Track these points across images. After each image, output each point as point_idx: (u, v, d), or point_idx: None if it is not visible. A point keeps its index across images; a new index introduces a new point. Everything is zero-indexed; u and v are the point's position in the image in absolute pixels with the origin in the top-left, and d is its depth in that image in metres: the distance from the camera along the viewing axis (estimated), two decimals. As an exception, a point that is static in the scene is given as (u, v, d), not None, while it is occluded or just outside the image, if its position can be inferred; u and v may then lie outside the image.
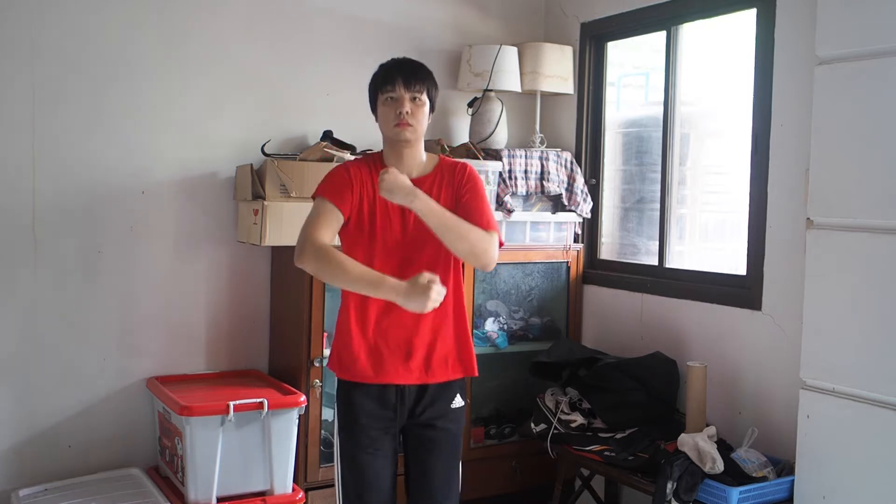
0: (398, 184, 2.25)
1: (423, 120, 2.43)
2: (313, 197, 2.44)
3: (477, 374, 2.54)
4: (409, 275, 2.30)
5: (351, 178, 2.43)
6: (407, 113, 2.38)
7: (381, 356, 2.42)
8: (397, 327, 2.41)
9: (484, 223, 2.38)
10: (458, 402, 2.51)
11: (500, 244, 2.41)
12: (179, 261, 3.45)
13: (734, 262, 3.38)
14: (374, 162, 2.49)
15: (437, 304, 2.21)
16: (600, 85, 4.02)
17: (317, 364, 3.32)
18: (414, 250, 2.42)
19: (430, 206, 2.28)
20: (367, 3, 3.76)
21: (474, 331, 3.68)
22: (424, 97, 2.42)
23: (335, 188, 2.41)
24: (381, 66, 2.46)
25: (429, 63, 2.52)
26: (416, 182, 2.42)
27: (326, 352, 3.31)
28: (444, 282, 2.42)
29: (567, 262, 3.94)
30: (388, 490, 2.49)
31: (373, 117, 2.49)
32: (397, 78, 2.40)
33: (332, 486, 3.27)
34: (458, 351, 2.48)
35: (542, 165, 3.77)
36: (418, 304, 2.19)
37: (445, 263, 2.43)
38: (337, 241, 2.55)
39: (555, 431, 3.33)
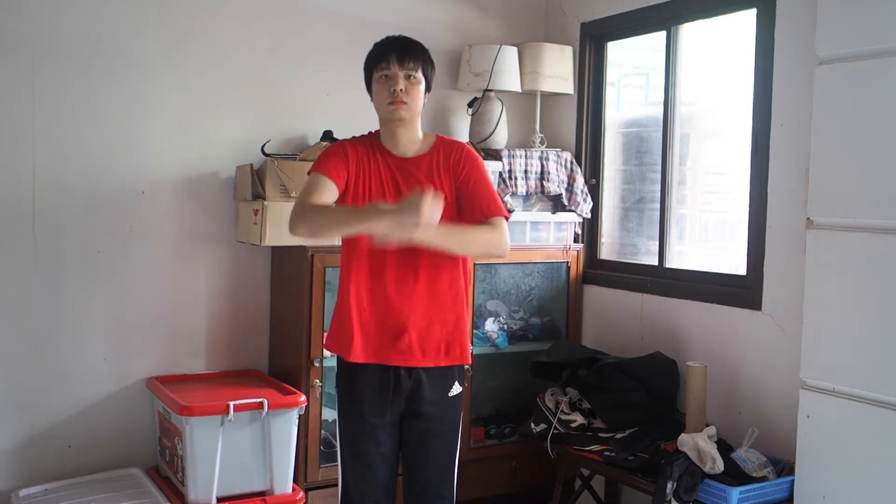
0: (397, 222, 2.14)
1: (417, 98, 2.41)
2: (308, 174, 2.44)
3: (469, 362, 2.53)
4: (413, 255, 2.34)
5: (346, 153, 2.43)
6: (401, 91, 2.37)
7: (376, 337, 2.42)
8: (394, 309, 2.41)
9: (489, 208, 2.40)
10: (455, 389, 2.51)
11: (507, 219, 2.43)
12: (179, 261, 3.45)
13: (734, 262, 3.38)
14: (371, 141, 2.49)
15: (434, 220, 2.11)
16: (600, 85, 4.02)
17: (317, 364, 3.32)
18: None
19: (434, 234, 2.20)
20: (367, 3, 3.76)
21: (474, 331, 3.68)
22: (419, 75, 2.40)
23: (329, 163, 2.41)
24: (376, 44, 2.45)
25: (428, 63, 2.52)
26: (413, 161, 2.42)
27: (327, 352, 3.31)
28: (447, 268, 2.43)
29: (567, 262, 3.94)
30: (389, 475, 2.50)
31: (373, 114, 2.48)
32: (391, 55, 2.38)
33: (332, 486, 3.30)
34: (456, 338, 2.47)
35: (542, 165, 3.77)
36: (411, 221, 2.08)
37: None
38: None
39: (555, 431, 3.33)
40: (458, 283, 2.47)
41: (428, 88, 2.46)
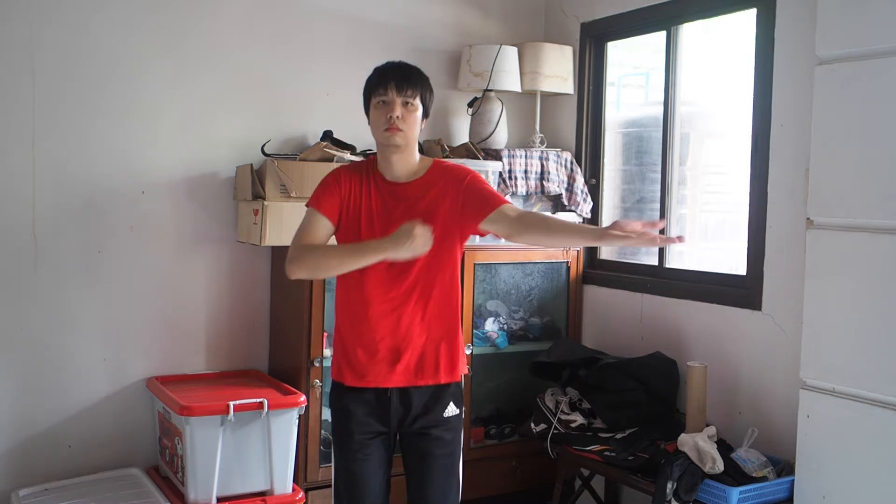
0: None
1: (414, 126, 2.40)
2: (307, 206, 2.46)
3: (459, 378, 2.50)
4: (401, 280, 2.36)
5: (339, 182, 2.44)
6: (398, 118, 2.35)
7: (367, 359, 2.41)
8: (384, 330, 2.40)
9: (498, 199, 2.39)
10: (451, 410, 2.48)
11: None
12: (179, 261, 3.45)
13: (734, 262, 3.38)
14: (367, 167, 2.48)
15: (427, 245, 2.22)
16: (600, 85, 4.02)
17: (317, 364, 3.32)
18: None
19: None
20: (367, 3, 3.76)
21: (474, 331, 3.68)
22: (417, 102, 2.39)
23: (322, 196, 2.44)
24: (376, 70, 2.44)
25: (429, 63, 2.52)
26: (407, 187, 2.42)
27: (327, 352, 3.32)
28: (436, 287, 2.43)
29: (567, 262, 3.94)
30: (379, 497, 2.48)
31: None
32: (390, 82, 2.37)
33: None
34: (447, 355, 2.45)
35: (542, 165, 3.77)
36: (407, 249, 2.20)
37: (438, 267, 2.41)
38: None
39: (555, 431, 3.33)
40: (450, 302, 2.46)
41: (426, 115, 2.45)
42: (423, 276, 2.38)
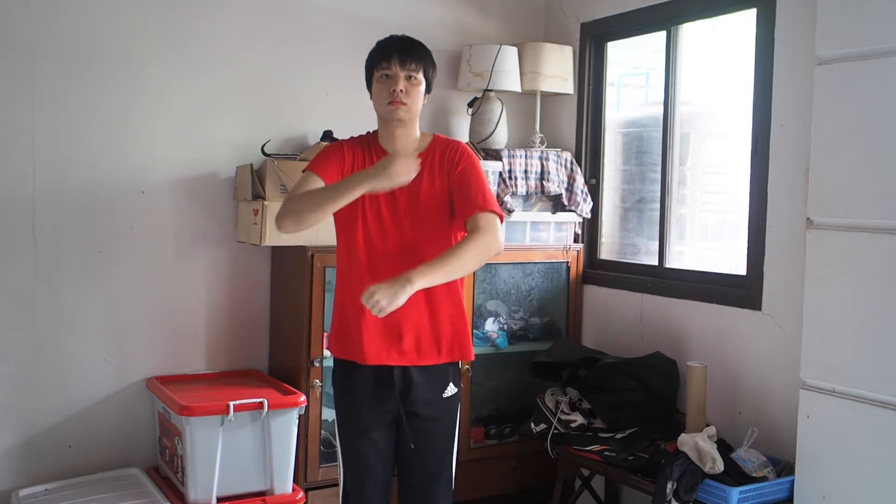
0: (389, 289, 2.15)
1: (417, 99, 2.40)
2: (303, 172, 2.44)
3: (473, 357, 2.52)
4: (409, 257, 2.32)
5: (343, 154, 2.44)
6: (401, 91, 2.36)
7: (372, 337, 2.41)
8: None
9: (481, 204, 2.36)
10: (450, 390, 2.50)
11: (501, 218, 2.39)
12: (179, 261, 3.45)
13: (734, 262, 3.38)
14: (368, 141, 2.49)
15: (410, 174, 2.20)
16: (600, 85, 4.02)
17: (317, 364, 3.32)
18: (411, 230, 2.41)
19: (427, 274, 2.20)
20: (367, 3, 3.76)
21: (474, 331, 3.68)
22: (420, 76, 2.40)
23: (324, 162, 2.42)
24: (378, 43, 2.45)
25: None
26: None
27: (327, 352, 3.31)
28: None
29: (567, 262, 3.94)
30: (385, 474, 2.50)
31: (373, 114, 2.48)
32: (393, 55, 2.37)
33: (333, 486, 3.30)
34: (453, 334, 2.46)
35: (542, 165, 3.77)
36: (388, 176, 2.18)
37: (445, 241, 2.41)
38: (332, 233, 2.54)
39: (555, 431, 3.33)
40: (455, 281, 2.45)
41: (428, 89, 2.46)
42: (423, 253, 2.36)
